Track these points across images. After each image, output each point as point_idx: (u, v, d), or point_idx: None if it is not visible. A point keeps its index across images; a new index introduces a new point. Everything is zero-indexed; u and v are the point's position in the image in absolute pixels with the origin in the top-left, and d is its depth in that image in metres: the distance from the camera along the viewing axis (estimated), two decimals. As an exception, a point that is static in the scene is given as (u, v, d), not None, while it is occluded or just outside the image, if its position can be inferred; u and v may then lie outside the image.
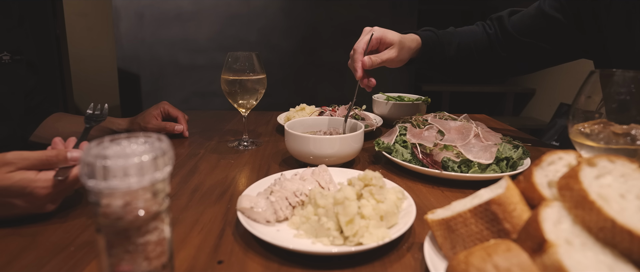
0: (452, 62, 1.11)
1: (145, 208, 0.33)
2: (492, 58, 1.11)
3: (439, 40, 1.08)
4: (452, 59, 1.11)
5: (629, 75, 0.56)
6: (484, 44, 1.12)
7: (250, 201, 0.59)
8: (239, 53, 0.97)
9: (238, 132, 1.22)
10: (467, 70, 1.16)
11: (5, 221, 0.60)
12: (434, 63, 1.10)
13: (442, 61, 1.10)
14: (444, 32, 1.11)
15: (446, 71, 1.15)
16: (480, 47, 1.12)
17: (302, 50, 2.57)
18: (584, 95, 0.60)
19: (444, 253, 0.48)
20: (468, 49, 1.11)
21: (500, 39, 1.10)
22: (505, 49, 1.09)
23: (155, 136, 0.35)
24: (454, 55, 1.10)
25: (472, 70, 1.16)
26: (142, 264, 0.34)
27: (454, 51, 1.10)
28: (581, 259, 0.34)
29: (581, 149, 0.60)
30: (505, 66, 1.13)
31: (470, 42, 1.12)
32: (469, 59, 1.12)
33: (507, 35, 1.08)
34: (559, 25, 1.00)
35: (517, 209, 0.43)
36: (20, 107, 0.97)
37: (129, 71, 2.52)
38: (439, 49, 1.08)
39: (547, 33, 1.03)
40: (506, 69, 1.15)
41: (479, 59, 1.12)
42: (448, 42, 1.10)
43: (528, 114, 3.85)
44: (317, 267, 0.50)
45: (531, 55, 1.07)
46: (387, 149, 0.89)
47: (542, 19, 1.03)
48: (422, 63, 1.09)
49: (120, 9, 2.42)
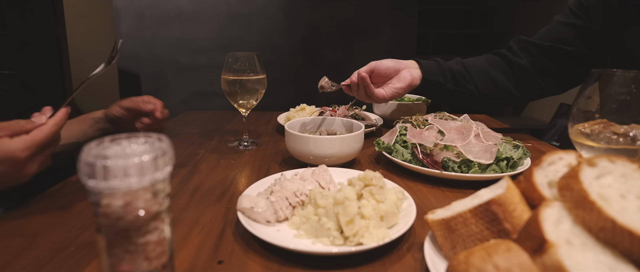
0: (480, 93, 1.11)
1: (146, 208, 0.33)
2: (514, 75, 1.10)
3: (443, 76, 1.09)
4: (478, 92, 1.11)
5: (629, 75, 0.56)
6: (498, 62, 1.12)
7: (251, 201, 0.59)
8: (239, 53, 0.97)
9: (238, 132, 1.22)
10: (492, 99, 1.13)
11: (5, 221, 0.60)
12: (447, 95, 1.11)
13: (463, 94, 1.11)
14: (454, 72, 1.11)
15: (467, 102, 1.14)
16: (495, 66, 1.11)
17: (302, 50, 2.57)
18: (584, 96, 0.60)
19: (444, 253, 0.48)
20: (485, 71, 1.11)
21: (516, 52, 1.10)
22: (527, 55, 1.09)
23: (156, 136, 0.35)
24: (476, 88, 1.10)
25: (496, 98, 1.13)
26: (142, 264, 0.34)
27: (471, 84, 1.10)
28: (581, 259, 0.34)
29: (581, 149, 0.60)
30: (529, 85, 1.10)
31: (484, 64, 1.12)
32: (491, 83, 1.11)
33: (528, 45, 1.09)
34: (576, 28, 1.03)
35: (518, 209, 0.43)
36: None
37: (129, 71, 2.52)
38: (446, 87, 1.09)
39: (567, 37, 1.04)
40: (532, 87, 1.11)
41: (500, 80, 1.11)
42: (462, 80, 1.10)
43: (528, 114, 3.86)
44: (318, 267, 0.50)
45: (556, 62, 1.07)
46: (387, 149, 0.89)
47: (560, 26, 1.06)
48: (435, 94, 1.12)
49: (120, 9, 2.42)
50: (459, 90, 1.10)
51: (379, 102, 1.10)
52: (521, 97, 1.13)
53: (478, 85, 1.10)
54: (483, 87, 1.10)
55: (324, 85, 1.08)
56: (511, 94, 1.11)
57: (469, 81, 1.10)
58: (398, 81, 1.04)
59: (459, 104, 1.14)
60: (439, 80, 1.08)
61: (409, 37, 2.62)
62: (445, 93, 1.09)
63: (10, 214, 0.62)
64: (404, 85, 1.04)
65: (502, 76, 1.11)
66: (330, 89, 1.09)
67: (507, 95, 1.12)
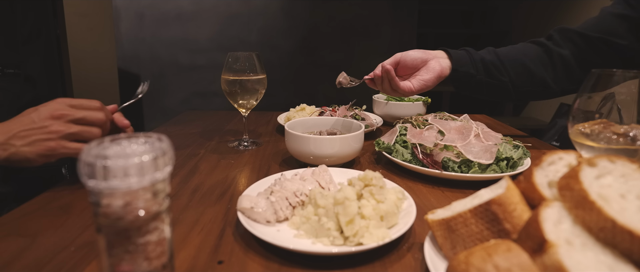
0: (512, 84, 1.03)
1: (146, 208, 0.33)
2: (553, 66, 1.02)
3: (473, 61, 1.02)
4: (510, 82, 1.03)
5: (629, 75, 0.56)
6: (535, 52, 1.03)
7: (251, 201, 0.59)
8: (239, 53, 0.97)
9: (238, 132, 1.22)
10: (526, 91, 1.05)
11: (6, 221, 0.60)
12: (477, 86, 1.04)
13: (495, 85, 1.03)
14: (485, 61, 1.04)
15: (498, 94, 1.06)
16: (532, 55, 1.03)
17: (302, 50, 2.58)
18: (584, 96, 0.60)
19: (444, 253, 0.48)
20: (520, 62, 1.03)
21: (558, 41, 1.02)
22: (570, 45, 1.00)
23: (156, 136, 0.35)
24: (509, 77, 1.03)
25: (533, 88, 1.04)
26: (142, 264, 0.34)
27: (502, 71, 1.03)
28: (581, 259, 0.34)
29: (581, 149, 0.60)
30: (569, 77, 1.02)
31: (519, 54, 1.03)
32: (526, 75, 1.03)
33: (572, 34, 1.01)
34: (629, 20, 0.95)
35: (518, 209, 0.43)
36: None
37: (129, 71, 2.52)
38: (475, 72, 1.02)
39: (618, 29, 0.96)
40: (571, 79, 1.02)
41: (537, 71, 1.02)
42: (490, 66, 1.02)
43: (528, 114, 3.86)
44: (318, 267, 0.50)
45: (603, 56, 0.98)
46: (387, 149, 0.89)
47: (610, 17, 0.98)
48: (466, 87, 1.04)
49: (120, 9, 2.42)
50: (492, 82, 1.02)
51: (406, 96, 1.03)
52: (558, 89, 1.03)
53: (512, 76, 1.02)
54: (517, 78, 1.02)
55: (342, 81, 1.04)
56: (547, 87, 1.03)
57: (502, 72, 1.02)
58: (426, 72, 0.98)
59: (491, 96, 1.07)
60: (470, 71, 1.00)
61: (409, 37, 2.62)
62: (477, 85, 1.02)
63: (10, 214, 0.62)
64: (432, 77, 0.98)
65: (539, 66, 1.02)
66: (348, 84, 1.03)
67: (542, 88, 1.03)
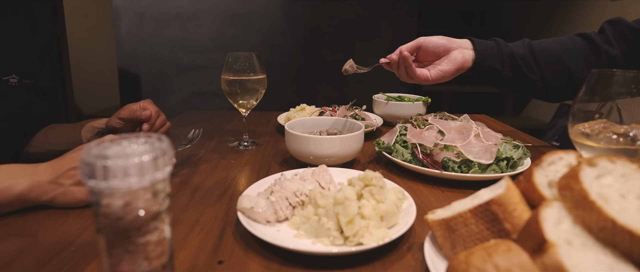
0: (542, 75, 0.94)
1: (146, 208, 0.33)
2: (600, 67, 0.87)
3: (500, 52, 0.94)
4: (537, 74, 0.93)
5: (629, 75, 0.56)
6: (581, 48, 0.93)
7: (251, 201, 0.59)
8: (239, 53, 0.97)
9: (238, 132, 1.22)
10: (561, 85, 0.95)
11: (6, 221, 0.60)
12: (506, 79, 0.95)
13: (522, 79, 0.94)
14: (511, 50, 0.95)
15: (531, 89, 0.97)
16: (575, 53, 0.92)
17: (302, 50, 2.58)
18: (585, 96, 0.60)
19: (444, 253, 0.48)
20: (558, 59, 0.93)
21: (609, 38, 0.91)
22: (624, 43, 0.90)
23: (156, 136, 0.35)
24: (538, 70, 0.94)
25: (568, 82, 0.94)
26: (142, 264, 0.34)
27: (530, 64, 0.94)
28: (581, 259, 0.34)
29: (581, 149, 0.60)
30: None
31: (559, 50, 0.93)
32: (563, 74, 0.93)
33: (628, 31, 0.89)
34: None
35: (518, 209, 0.43)
36: (18, 131, 0.96)
37: (129, 71, 2.52)
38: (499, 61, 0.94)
39: None
40: None
41: (578, 71, 0.92)
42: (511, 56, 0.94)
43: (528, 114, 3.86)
44: (318, 267, 0.50)
45: None
46: (387, 149, 0.89)
47: None
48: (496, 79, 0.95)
49: (120, 9, 2.42)
50: (519, 79, 0.94)
51: (422, 83, 0.96)
52: (618, 53, 0.92)
53: (545, 74, 0.94)
54: (552, 77, 0.93)
55: (348, 69, 1.00)
56: None
57: (533, 70, 0.94)
58: (447, 63, 0.92)
59: (519, 93, 1.00)
60: (496, 66, 0.93)
61: (409, 37, 2.61)
62: (503, 80, 0.95)
63: (10, 214, 0.62)
64: (452, 68, 0.92)
65: (581, 66, 0.92)
66: (355, 71, 0.99)
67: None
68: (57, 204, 0.63)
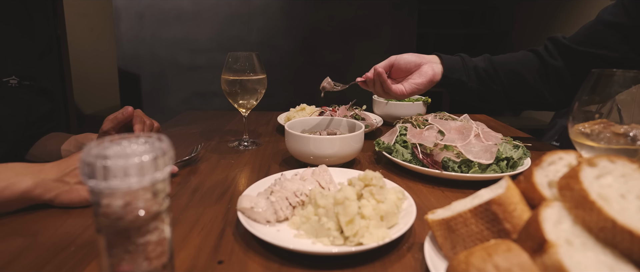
0: (504, 89, 1.02)
1: (146, 208, 0.33)
2: (547, 78, 1.00)
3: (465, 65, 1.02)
4: (503, 87, 1.02)
5: (629, 75, 0.56)
6: (533, 62, 1.01)
7: (251, 201, 0.59)
8: (239, 53, 0.97)
9: (238, 132, 1.22)
10: (520, 97, 1.04)
11: (6, 221, 0.60)
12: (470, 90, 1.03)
13: (490, 92, 1.03)
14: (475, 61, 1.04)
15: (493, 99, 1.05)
16: (529, 66, 1.01)
17: (302, 50, 2.58)
18: (585, 96, 0.60)
19: (444, 253, 0.48)
20: (515, 72, 1.01)
21: (552, 52, 1.00)
22: (561, 58, 0.98)
23: (156, 136, 0.35)
24: (504, 82, 1.02)
25: (526, 96, 1.03)
26: (142, 264, 0.34)
27: (499, 77, 1.02)
28: (581, 259, 0.34)
29: (581, 149, 0.60)
30: (564, 90, 0.99)
31: (515, 64, 1.02)
32: (521, 85, 1.01)
33: (562, 47, 0.98)
34: (623, 29, 0.90)
35: (518, 209, 0.43)
36: (19, 131, 0.96)
37: (130, 71, 2.52)
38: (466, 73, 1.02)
39: (609, 41, 0.92)
40: (566, 92, 0.99)
41: (533, 82, 1.01)
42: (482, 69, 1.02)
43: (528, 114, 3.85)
44: (318, 267, 0.50)
45: (592, 67, 0.93)
46: (387, 149, 0.89)
47: (602, 27, 0.93)
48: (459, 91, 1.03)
49: (120, 9, 2.42)
50: (484, 90, 1.02)
51: (398, 99, 1.04)
52: (554, 101, 1.02)
53: (506, 86, 1.02)
54: (511, 89, 1.02)
55: (325, 86, 1.06)
56: (542, 98, 1.01)
57: (495, 81, 1.02)
58: (419, 76, 0.99)
59: (484, 103, 1.07)
60: (462, 78, 1.01)
61: (409, 37, 2.62)
62: (468, 91, 1.03)
63: (10, 214, 0.62)
64: (424, 81, 0.99)
65: (536, 77, 1.01)
66: (332, 89, 1.06)
67: (537, 99, 1.02)
68: (61, 202, 0.63)
